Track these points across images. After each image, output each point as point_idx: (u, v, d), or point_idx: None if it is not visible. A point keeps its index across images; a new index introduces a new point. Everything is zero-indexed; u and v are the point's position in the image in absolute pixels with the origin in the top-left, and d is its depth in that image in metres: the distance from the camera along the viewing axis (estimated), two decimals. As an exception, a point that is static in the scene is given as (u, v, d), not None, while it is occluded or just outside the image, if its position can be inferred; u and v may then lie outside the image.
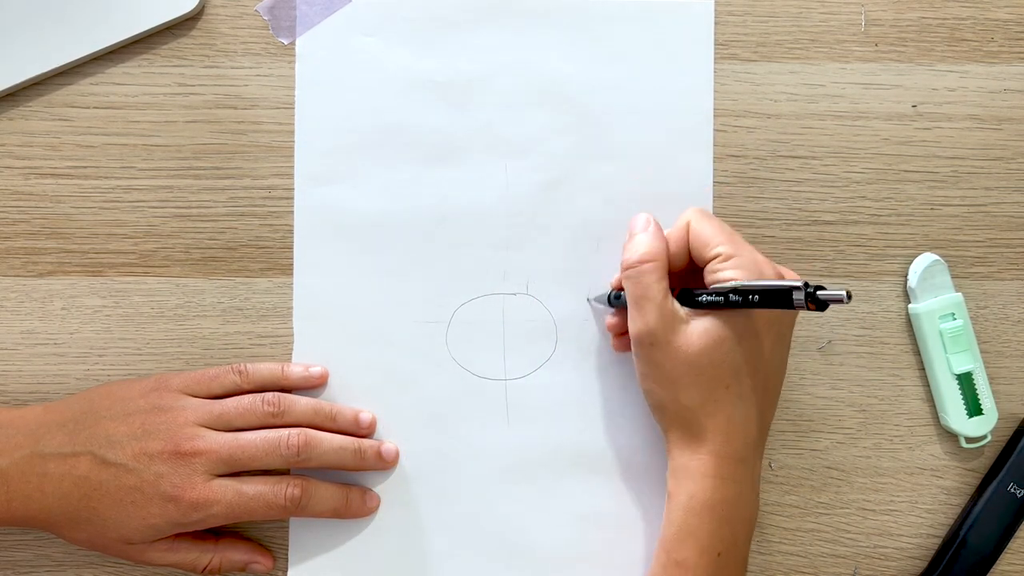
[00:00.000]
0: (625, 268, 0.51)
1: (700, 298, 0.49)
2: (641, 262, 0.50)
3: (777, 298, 0.47)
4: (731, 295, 0.48)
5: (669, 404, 0.50)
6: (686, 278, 0.52)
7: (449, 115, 0.56)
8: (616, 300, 0.54)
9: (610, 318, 0.55)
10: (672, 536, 0.50)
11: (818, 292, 0.46)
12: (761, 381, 0.50)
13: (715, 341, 0.49)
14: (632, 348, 0.51)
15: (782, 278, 0.50)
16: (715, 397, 0.49)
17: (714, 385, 0.49)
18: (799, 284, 0.46)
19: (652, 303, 0.50)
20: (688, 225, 0.51)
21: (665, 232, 0.52)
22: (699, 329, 0.49)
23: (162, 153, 0.56)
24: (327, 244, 0.56)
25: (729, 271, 0.49)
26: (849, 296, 0.44)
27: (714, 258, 0.50)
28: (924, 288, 0.56)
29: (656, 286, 0.50)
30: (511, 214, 0.56)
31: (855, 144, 0.57)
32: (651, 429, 0.55)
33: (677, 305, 0.50)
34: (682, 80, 0.57)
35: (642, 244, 0.51)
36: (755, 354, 0.50)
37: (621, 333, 0.54)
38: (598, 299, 0.56)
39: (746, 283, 0.48)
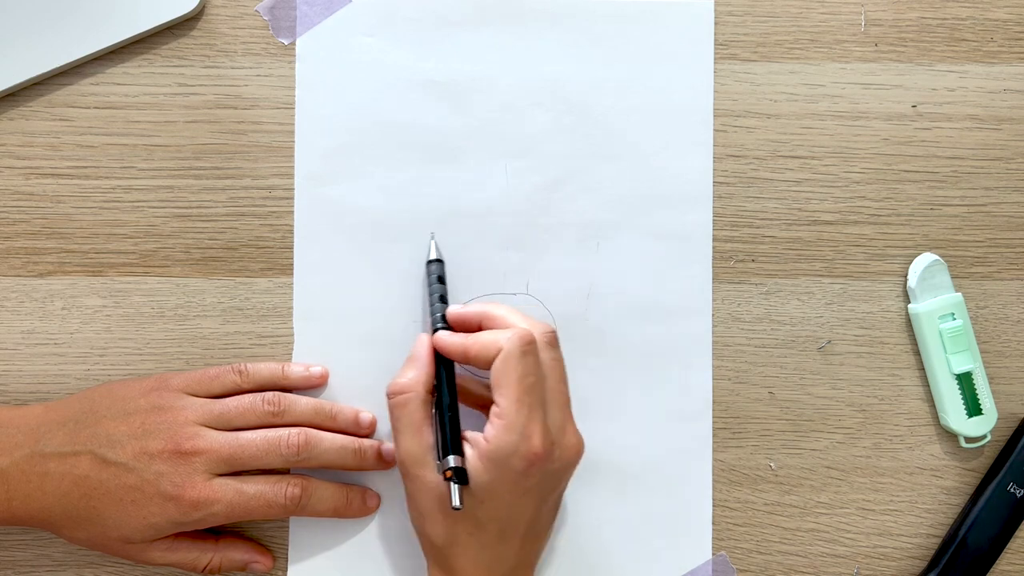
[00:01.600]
0: (387, 397, 0.51)
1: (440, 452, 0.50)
2: (397, 392, 0.50)
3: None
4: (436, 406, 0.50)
5: (421, 535, 0.51)
6: None
7: (449, 115, 0.56)
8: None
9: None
10: None
11: (449, 480, 0.47)
12: (513, 531, 0.49)
13: (441, 490, 0.49)
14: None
15: (543, 454, 0.48)
16: (458, 540, 0.49)
17: (456, 529, 0.49)
18: (450, 464, 0.48)
19: (408, 433, 0.50)
20: (499, 351, 0.49)
21: (497, 327, 0.51)
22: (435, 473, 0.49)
23: (162, 153, 0.56)
24: (327, 244, 0.56)
25: (490, 431, 0.48)
26: (459, 506, 0.46)
27: (495, 399, 0.49)
28: (924, 288, 0.56)
29: (412, 417, 0.50)
30: (511, 214, 0.56)
31: (855, 144, 0.57)
32: (650, 429, 0.55)
33: (433, 438, 0.50)
34: (682, 80, 0.57)
35: (406, 373, 0.51)
36: (504, 504, 0.48)
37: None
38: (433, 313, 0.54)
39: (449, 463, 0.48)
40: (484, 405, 0.51)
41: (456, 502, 0.47)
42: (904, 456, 0.57)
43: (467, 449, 0.49)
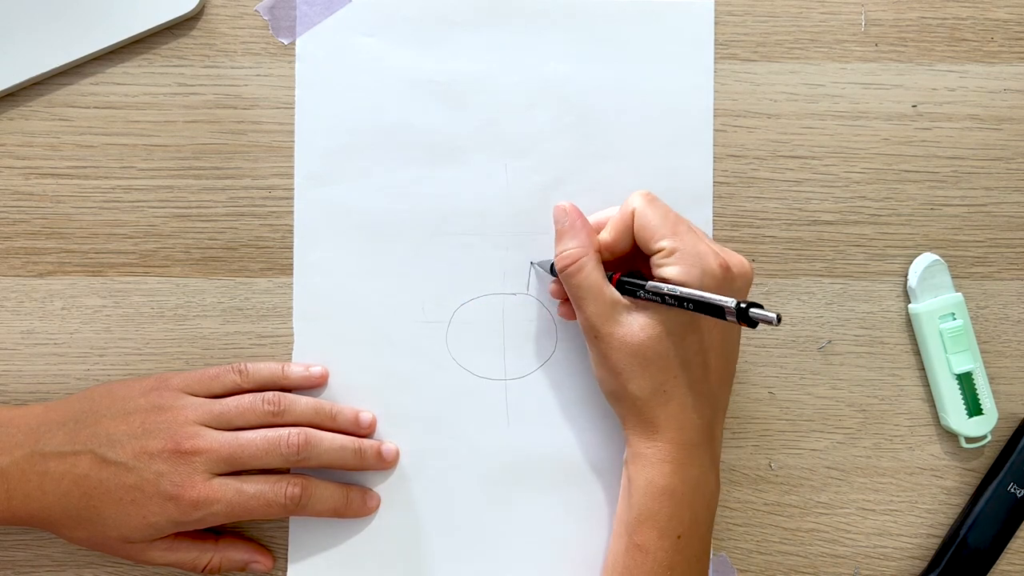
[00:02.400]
0: (561, 269, 0.51)
1: (639, 294, 0.49)
2: (569, 264, 0.51)
3: (709, 308, 0.46)
4: (667, 297, 0.48)
5: (620, 394, 0.51)
6: (633, 260, 0.52)
7: (449, 115, 0.56)
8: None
9: (553, 285, 0.55)
10: (632, 520, 0.50)
11: (749, 311, 0.45)
12: (712, 368, 0.50)
13: (658, 333, 0.49)
14: (586, 343, 0.52)
15: (728, 270, 0.49)
16: (664, 388, 0.50)
17: (662, 376, 0.49)
18: (730, 303, 0.45)
19: (589, 298, 0.50)
20: (633, 213, 0.51)
21: (610, 216, 0.52)
22: (642, 321, 0.49)
23: (162, 153, 0.56)
24: (327, 244, 0.56)
25: (669, 268, 0.49)
26: (779, 319, 0.44)
27: (658, 252, 0.49)
28: (924, 288, 0.56)
29: (589, 280, 0.50)
30: (511, 214, 0.56)
31: (855, 144, 0.57)
32: (651, 429, 0.55)
33: (617, 295, 0.50)
34: (682, 80, 0.57)
35: (568, 244, 0.51)
36: (702, 344, 0.50)
37: (565, 299, 0.54)
38: (541, 264, 0.56)
39: (680, 291, 0.47)
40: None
41: (773, 314, 0.44)
42: (904, 456, 0.57)
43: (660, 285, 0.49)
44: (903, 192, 0.57)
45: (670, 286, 0.48)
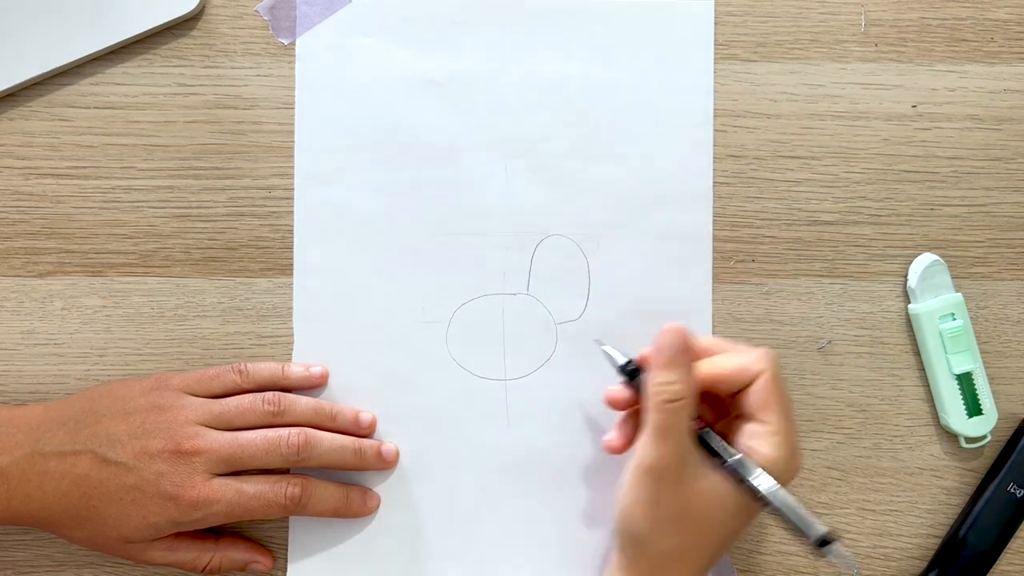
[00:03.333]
0: (656, 398, 0.49)
1: (727, 462, 0.48)
2: (675, 399, 0.49)
3: (791, 524, 0.47)
4: (757, 493, 0.48)
5: (641, 537, 0.49)
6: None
7: (449, 115, 0.56)
8: (631, 376, 0.52)
9: (615, 390, 0.53)
10: None
11: (831, 547, 0.47)
12: (735, 539, 0.50)
13: (721, 503, 0.48)
14: (633, 471, 0.49)
15: (798, 469, 0.49)
16: (689, 550, 0.49)
17: (694, 540, 0.48)
18: (818, 531, 0.47)
19: (675, 441, 0.48)
20: (759, 375, 0.49)
21: (718, 345, 0.51)
22: (710, 483, 0.48)
23: (162, 153, 0.56)
24: (327, 244, 0.56)
25: (767, 447, 0.48)
26: (857, 572, 0.45)
27: (760, 423, 0.49)
28: (924, 288, 0.56)
29: (683, 424, 0.49)
30: (511, 214, 0.56)
31: (855, 144, 0.57)
32: (651, 429, 0.55)
33: (695, 450, 0.49)
34: (682, 80, 0.57)
35: (674, 376, 0.49)
36: (738, 528, 0.49)
37: (620, 408, 0.53)
38: (608, 353, 0.53)
39: (774, 499, 0.47)
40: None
41: (855, 569, 0.47)
42: (904, 456, 0.57)
43: (751, 468, 0.48)
44: (903, 192, 0.57)
45: (768, 487, 0.47)
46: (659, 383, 0.49)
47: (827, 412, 0.56)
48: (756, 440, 0.49)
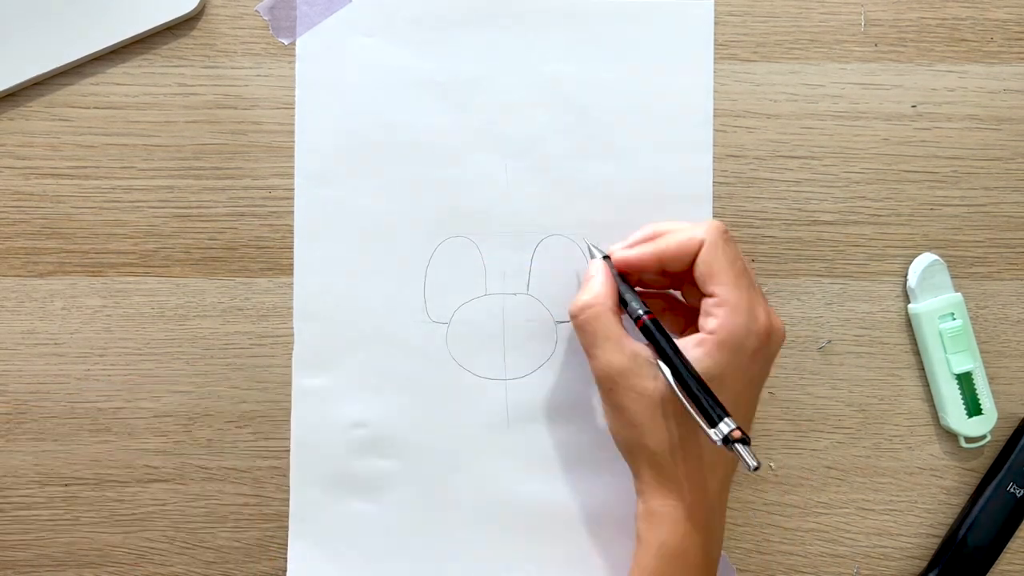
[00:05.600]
0: (571, 318, 0.50)
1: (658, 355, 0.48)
2: (583, 309, 0.49)
3: (702, 410, 0.46)
4: (673, 376, 0.46)
5: (636, 448, 0.49)
6: (681, 281, 0.52)
7: (449, 115, 0.56)
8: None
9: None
10: None
11: (735, 444, 0.44)
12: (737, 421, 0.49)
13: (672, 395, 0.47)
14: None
15: (769, 336, 0.48)
16: (682, 443, 0.48)
17: (680, 431, 0.48)
18: (727, 430, 0.45)
19: (606, 345, 0.48)
20: (701, 244, 0.49)
21: (676, 230, 0.50)
22: (657, 375, 0.48)
23: (162, 153, 0.56)
24: (327, 244, 0.56)
25: (713, 320, 0.47)
26: (757, 467, 0.44)
27: (710, 296, 0.48)
28: (924, 288, 0.56)
29: (606, 330, 0.48)
30: (511, 214, 0.56)
31: (855, 144, 0.57)
32: (651, 429, 0.55)
33: (636, 346, 0.48)
34: (682, 80, 0.57)
35: (586, 291, 0.50)
36: (732, 395, 0.47)
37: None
38: (594, 246, 0.53)
39: (676, 388, 0.46)
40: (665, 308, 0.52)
41: (754, 462, 0.44)
42: (904, 456, 0.57)
43: (691, 347, 0.47)
44: (903, 192, 0.57)
45: (676, 369, 0.46)
46: (574, 304, 0.50)
47: (827, 412, 0.57)
48: (706, 317, 0.48)
